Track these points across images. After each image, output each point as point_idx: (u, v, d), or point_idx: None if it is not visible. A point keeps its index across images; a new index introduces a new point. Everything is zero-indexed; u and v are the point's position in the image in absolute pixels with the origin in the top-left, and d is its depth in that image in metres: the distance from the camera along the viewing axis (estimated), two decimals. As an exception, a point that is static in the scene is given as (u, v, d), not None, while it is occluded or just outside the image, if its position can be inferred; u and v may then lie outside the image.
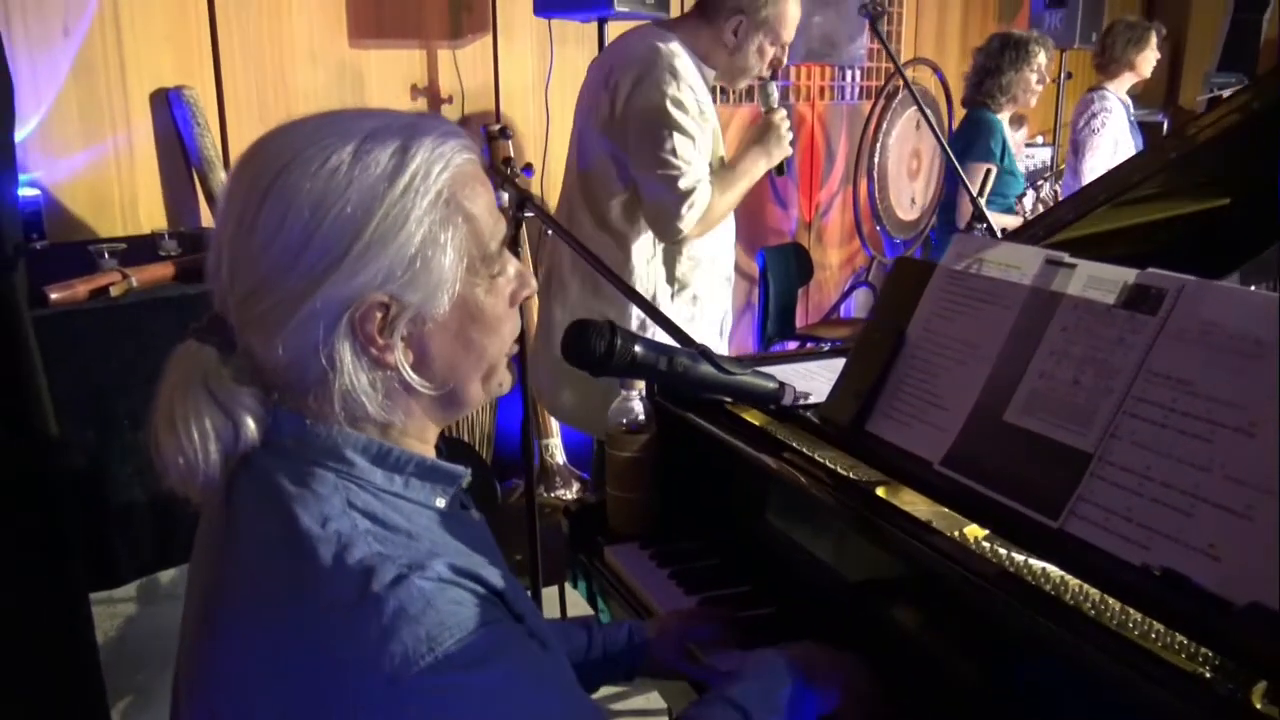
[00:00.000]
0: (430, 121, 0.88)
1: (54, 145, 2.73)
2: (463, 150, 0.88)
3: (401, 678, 0.74)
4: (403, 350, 0.85)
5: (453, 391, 0.91)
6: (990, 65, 3.75)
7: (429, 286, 0.84)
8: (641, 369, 1.22)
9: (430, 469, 0.91)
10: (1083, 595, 0.96)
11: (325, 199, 0.80)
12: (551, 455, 3.11)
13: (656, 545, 1.53)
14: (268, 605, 0.80)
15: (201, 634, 0.84)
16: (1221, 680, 0.82)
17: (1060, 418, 1.10)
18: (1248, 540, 0.89)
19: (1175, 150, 1.34)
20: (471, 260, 0.87)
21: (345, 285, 0.81)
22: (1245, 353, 0.96)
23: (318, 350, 0.82)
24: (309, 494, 0.82)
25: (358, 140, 0.83)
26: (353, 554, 0.78)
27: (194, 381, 0.84)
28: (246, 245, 0.82)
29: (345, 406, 0.85)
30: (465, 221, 0.86)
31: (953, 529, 1.11)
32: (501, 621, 0.83)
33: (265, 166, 0.82)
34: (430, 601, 0.77)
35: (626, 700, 2.56)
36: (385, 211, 0.81)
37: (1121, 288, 1.10)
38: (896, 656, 1.15)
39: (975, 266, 1.30)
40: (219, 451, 0.83)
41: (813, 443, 1.37)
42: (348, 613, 0.76)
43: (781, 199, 4.89)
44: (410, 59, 3.43)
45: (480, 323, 0.90)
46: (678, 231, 2.24)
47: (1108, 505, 1.01)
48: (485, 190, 0.90)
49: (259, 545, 0.83)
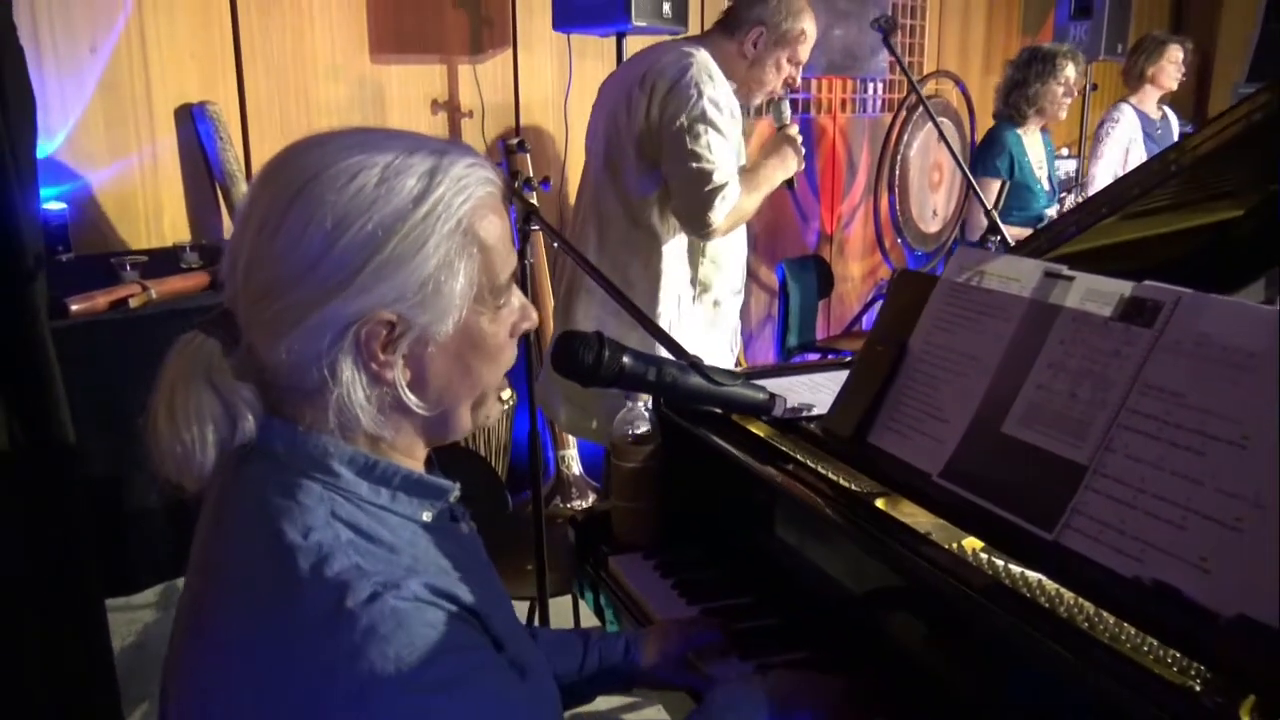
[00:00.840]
0: (458, 150, 0.91)
1: (80, 160, 2.78)
2: (486, 183, 0.90)
3: (368, 695, 0.75)
4: (401, 369, 0.87)
5: (444, 414, 0.92)
6: (1018, 78, 3.80)
7: (437, 310, 0.86)
8: (630, 380, 1.23)
9: (417, 483, 0.92)
10: (1077, 608, 0.96)
11: (349, 214, 0.82)
12: (568, 466, 3.13)
13: (660, 555, 1.54)
14: (248, 613, 0.81)
15: (187, 634, 0.86)
16: (1210, 694, 0.82)
17: (1057, 430, 1.10)
18: (1238, 553, 0.88)
19: (1176, 163, 1.33)
20: (481, 289, 0.89)
21: (357, 300, 0.83)
22: (1238, 365, 0.95)
23: (320, 359, 0.84)
24: (294, 505, 0.83)
25: (387, 161, 0.85)
26: (331, 567, 0.80)
27: (196, 372, 0.86)
28: (267, 248, 0.84)
29: (339, 417, 0.86)
30: (480, 252, 0.88)
31: (951, 541, 1.11)
32: (473, 649, 0.84)
33: (295, 175, 0.85)
34: (402, 622, 0.78)
35: (637, 712, 2.56)
36: (406, 233, 0.83)
37: (1118, 300, 1.10)
38: (894, 667, 1.15)
39: (976, 279, 1.30)
40: (215, 442, 0.85)
41: (815, 455, 1.37)
42: (321, 627, 0.77)
43: (803, 212, 4.89)
44: (431, 74, 3.47)
45: (480, 350, 0.91)
46: (710, 224, 2.31)
47: (1101, 518, 1.01)
48: (502, 222, 0.92)
49: (244, 553, 0.84)
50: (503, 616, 0.94)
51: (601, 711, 2.52)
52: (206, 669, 0.82)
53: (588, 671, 1.28)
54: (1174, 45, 4.15)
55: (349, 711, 0.75)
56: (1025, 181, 3.80)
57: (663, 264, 2.42)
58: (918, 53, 5.21)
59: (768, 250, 4.64)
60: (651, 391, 1.28)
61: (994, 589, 1.01)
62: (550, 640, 1.31)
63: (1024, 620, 0.95)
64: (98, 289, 2.07)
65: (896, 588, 1.16)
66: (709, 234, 2.35)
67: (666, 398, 1.45)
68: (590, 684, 1.28)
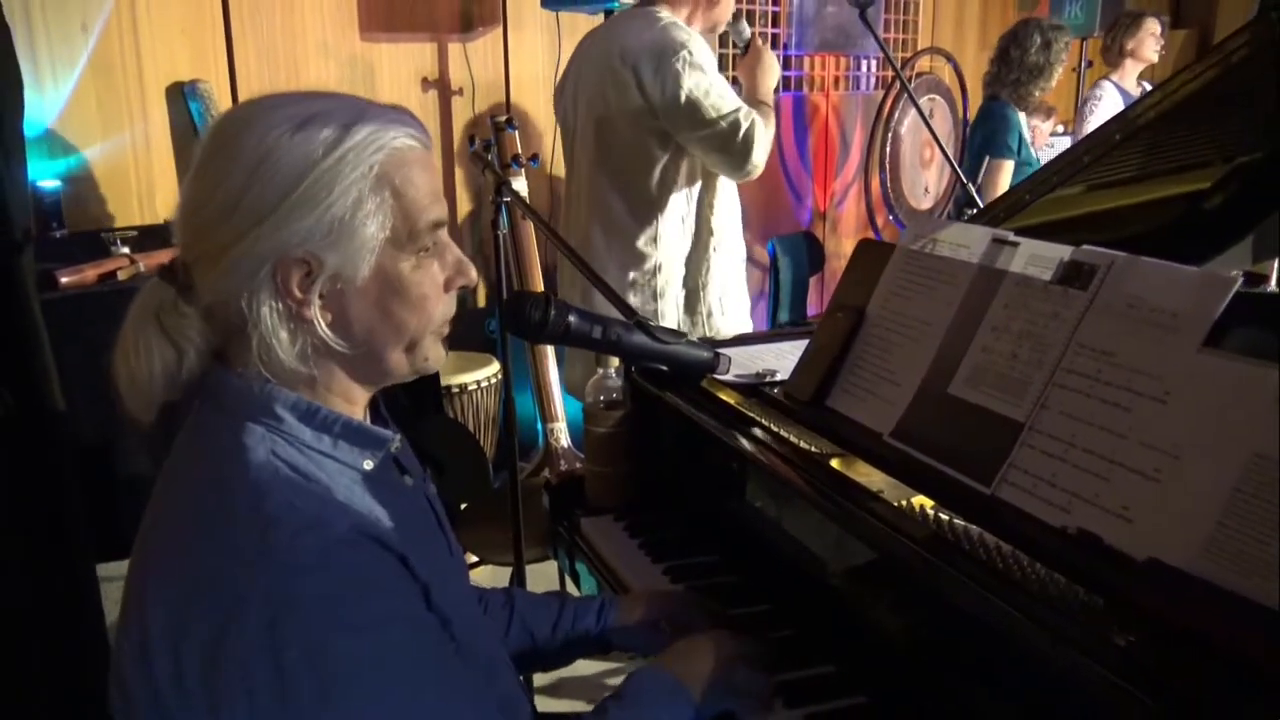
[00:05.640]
0: (384, 109, 0.96)
1: (73, 138, 2.82)
2: (406, 136, 0.95)
3: (276, 626, 0.81)
4: (320, 308, 0.92)
5: (370, 355, 0.97)
6: (1010, 54, 3.75)
7: (348, 251, 0.91)
8: (576, 338, 1.29)
9: (356, 430, 0.97)
10: (1013, 560, 1.00)
11: (267, 157, 0.89)
12: (556, 439, 3.17)
13: (630, 517, 1.59)
14: (182, 542, 0.87)
15: (135, 565, 0.92)
16: (1123, 634, 0.86)
17: (998, 390, 1.14)
18: (1156, 501, 0.93)
19: (1120, 130, 1.37)
20: (397, 235, 0.94)
21: (270, 238, 0.89)
22: (1163, 325, 0.99)
23: (240, 295, 0.90)
24: (237, 445, 0.89)
25: (311, 113, 0.91)
26: (265, 504, 0.85)
27: (148, 314, 0.93)
28: (198, 192, 0.92)
29: (262, 354, 0.91)
30: (393, 197, 0.93)
31: (901, 499, 1.15)
32: (392, 594, 0.89)
33: (227, 126, 0.93)
34: (322, 560, 0.84)
35: (620, 676, 2.61)
36: (316, 177, 0.89)
37: (1058, 264, 1.14)
38: (848, 620, 1.20)
39: (930, 246, 1.34)
40: (163, 374, 0.92)
41: (777, 418, 1.41)
42: (244, 558, 0.83)
43: (796, 189, 4.92)
44: (421, 52, 3.50)
45: (401, 296, 0.95)
46: (755, 164, 2.41)
47: (1035, 471, 1.05)
48: (424, 174, 0.96)
49: (187, 490, 0.91)
50: (437, 568, 0.97)
51: (586, 676, 2.57)
52: (147, 594, 0.87)
53: (561, 632, 1.31)
54: (1150, 18, 4.18)
55: (257, 639, 0.80)
56: (1028, 160, 3.77)
57: (665, 226, 2.48)
58: (911, 29, 5.22)
59: (760, 227, 4.66)
60: (598, 349, 1.34)
61: (935, 543, 1.05)
62: (527, 600, 1.35)
63: (962, 573, 1.00)
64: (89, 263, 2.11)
65: (849, 545, 1.20)
66: (754, 172, 2.44)
67: (613, 355, 1.50)
68: (566, 645, 1.32)
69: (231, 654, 0.81)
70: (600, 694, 2.53)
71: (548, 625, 1.32)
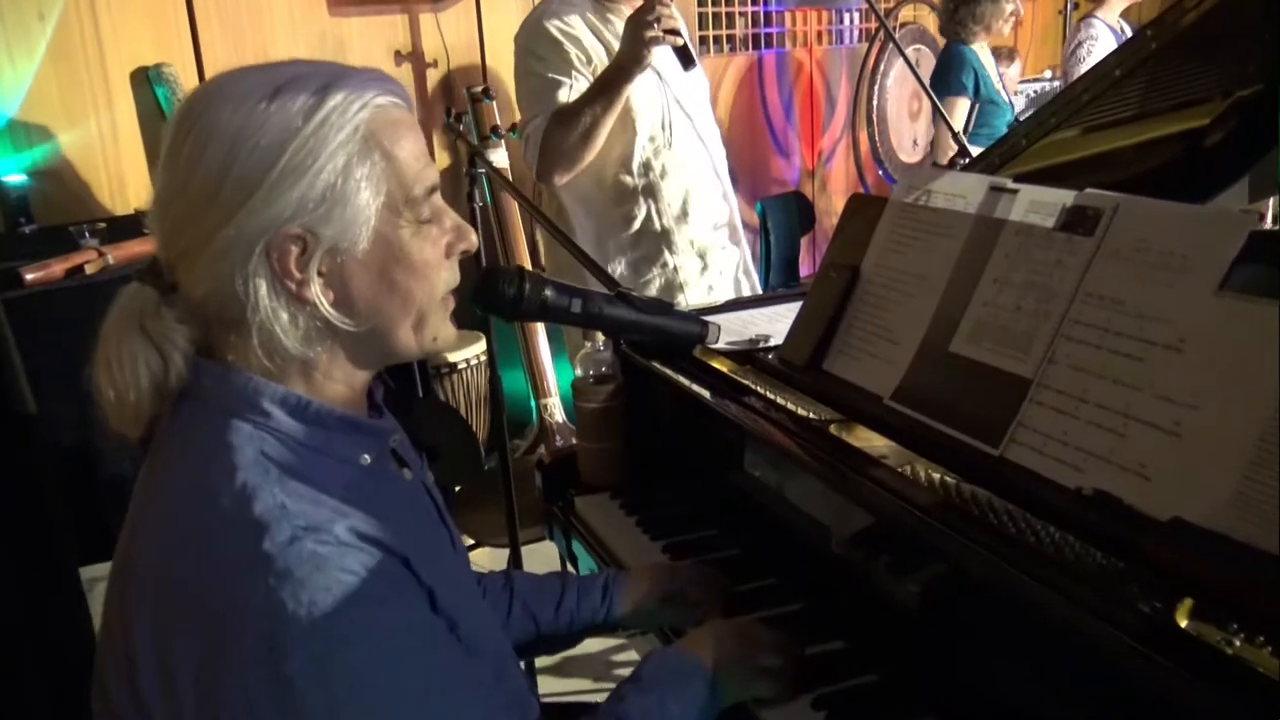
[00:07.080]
0: (359, 71, 0.90)
1: (36, 130, 2.74)
2: (386, 95, 0.88)
3: (278, 639, 0.75)
4: (321, 286, 0.86)
5: (377, 332, 0.90)
6: None
7: (344, 221, 0.85)
8: (554, 313, 1.22)
9: (353, 424, 0.91)
10: (1025, 523, 0.95)
11: (243, 133, 0.82)
12: (550, 414, 3.12)
13: (626, 494, 1.54)
14: (168, 552, 0.81)
15: (116, 574, 0.87)
16: (1148, 599, 0.81)
17: (1002, 345, 1.08)
18: (1176, 457, 0.87)
19: (1120, 67, 1.30)
20: (392, 199, 0.87)
21: (260, 215, 0.82)
22: (1174, 268, 0.94)
23: (233, 282, 0.83)
24: (222, 445, 0.83)
25: (281, 81, 0.84)
26: (254, 507, 0.79)
27: (130, 319, 0.86)
28: (173, 181, 0.85)
29: (263, 342, 0.86)
30: (384, 159, 0.87)
31: (904, 464, 1.10)
32: (395, 600, 0.83)
33: (193, 107, 0.86)
34: (320, 566, 0.78)
35: (627, 653, 2.58)
36: (300, 145, 0.83)
37: (1060, 210, 1.08)
38: (854, 593, 1.15)
39: (924, 198, 1.28)
40: (150, 385, 0.85)
41: (772, 385, 1.36)
42: (237, 568, 0.77)
43: (783, 148, 4.84)
44: (392, 24, 3.41)
45: (404, 264, 0.89)
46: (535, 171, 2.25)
47: (1046, 430, 1.00)
48: (411, 135, 0.90)
49: (171, 493, 0.85)
50: (442, 567, 0.92)
51: (593, 654, 2.53)
52: (129, 606, 0.82)
53: (565, 613, 1.27)
54: None
55: (257, 653, 0.75)
56: (990, 96, 3.70)
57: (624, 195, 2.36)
58: (897, -22, 5.12)
59: (748, 188, 4.59)
60: (578, 324, 1.27)
61: (943, 509, 1.01)
62: (527, 582, 1.30)
63: (972, 540, 0.95)
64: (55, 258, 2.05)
65: (853, 514, 1.15)
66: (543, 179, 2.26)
67: (596, 329, 1.44)
68: (571, 626, 1.27)
69: (227, 671, 0.76)
70: (606, 672, 2.53)
71: (550, 607, 1.27)
